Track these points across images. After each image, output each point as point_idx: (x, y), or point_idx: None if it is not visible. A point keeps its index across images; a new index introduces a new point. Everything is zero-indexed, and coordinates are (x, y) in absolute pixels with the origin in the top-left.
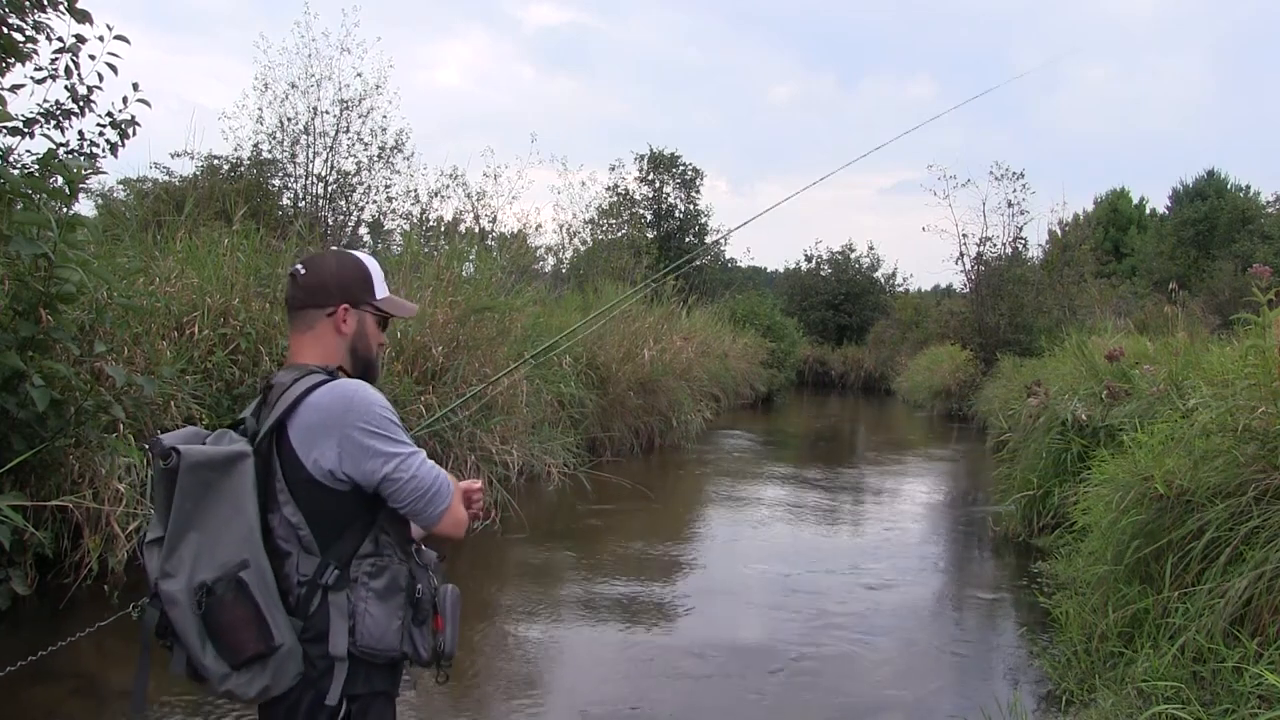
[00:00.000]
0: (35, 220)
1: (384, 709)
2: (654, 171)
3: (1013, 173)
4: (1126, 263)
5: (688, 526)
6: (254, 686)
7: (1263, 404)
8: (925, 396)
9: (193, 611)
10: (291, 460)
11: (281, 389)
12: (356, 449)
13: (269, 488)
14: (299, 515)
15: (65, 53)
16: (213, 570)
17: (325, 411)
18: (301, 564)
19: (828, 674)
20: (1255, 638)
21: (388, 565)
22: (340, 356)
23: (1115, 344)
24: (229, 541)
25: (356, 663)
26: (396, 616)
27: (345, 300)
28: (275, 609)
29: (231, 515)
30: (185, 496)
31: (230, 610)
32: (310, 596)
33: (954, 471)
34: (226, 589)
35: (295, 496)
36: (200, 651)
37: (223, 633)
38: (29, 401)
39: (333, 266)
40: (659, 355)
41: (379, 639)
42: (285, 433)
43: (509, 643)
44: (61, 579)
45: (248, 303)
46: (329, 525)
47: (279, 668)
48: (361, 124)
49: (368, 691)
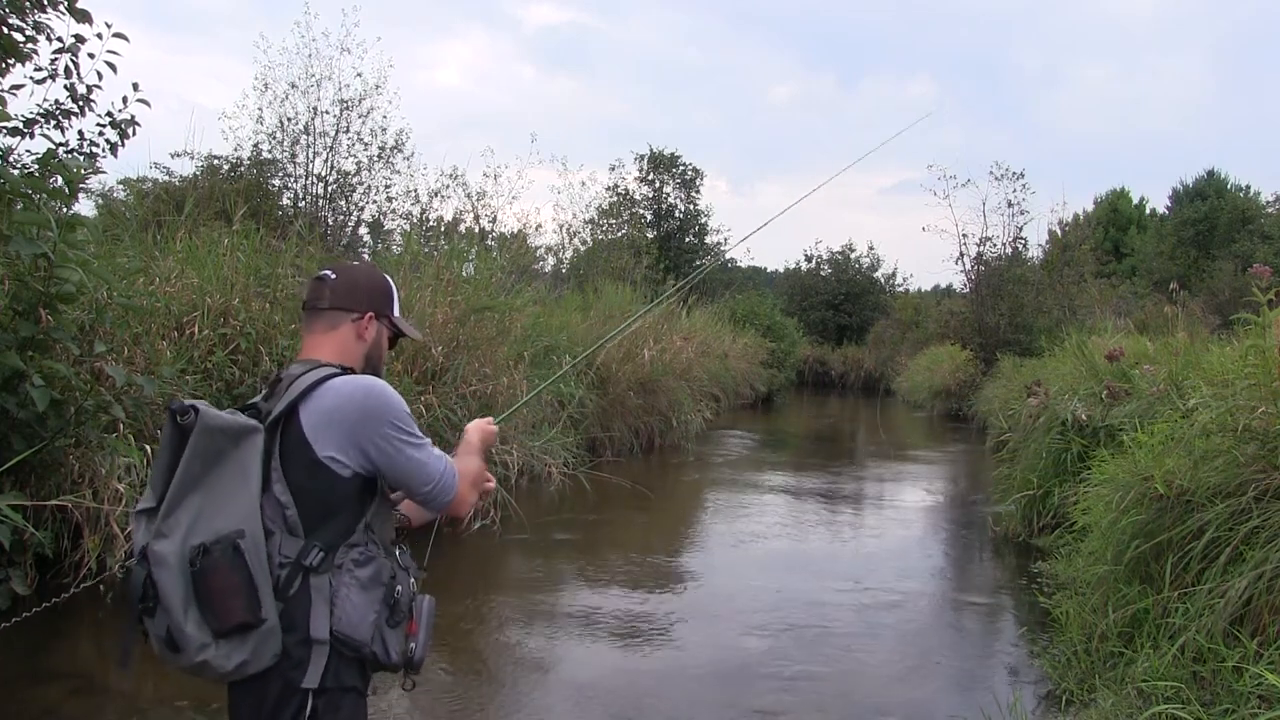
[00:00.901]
0: (35, 220)
1: (355, 706)
2: (654, 171)
3: (1012, 173)
4: (1126, 263)
5: (687, 527)
6: (232, 660)
7: (1263, 404)
8: (925, 396)
9: (182, 573)
10: (297, 441)
11: (292, 379)
12: (384, 436)
13: (265, 468)
14: (288, 495)
15: (65, 53)
16: (209, 535)
17: (345, 398)
18: (284, 545)
19: (828, 674)
20: (1255, 638)
21: (374, 556)
22: (355, 359)
23: (1115, 344)
24: (231, 510)
25: (335, 652)
26: (373, 610)
27: (371, 309)
28: (265, 584)
29: (238, 485)
30: (195, 457)
31: (224, 575)
32: (291, 578)
33: (954, 471)
34: (223, 553)
35: (288, 477)
36: (182, 617)
37: (212, 597)
38: (29, 401)
39: (364, 276)
40: (659, 355)
41: (354, 627)
42: (296, 416)
43: (507, 644)
44: (61, 579)
45: (248, 303)
46: (318, 508)
47: (260, 644)
48: (361, 124)
49: (336, 686)
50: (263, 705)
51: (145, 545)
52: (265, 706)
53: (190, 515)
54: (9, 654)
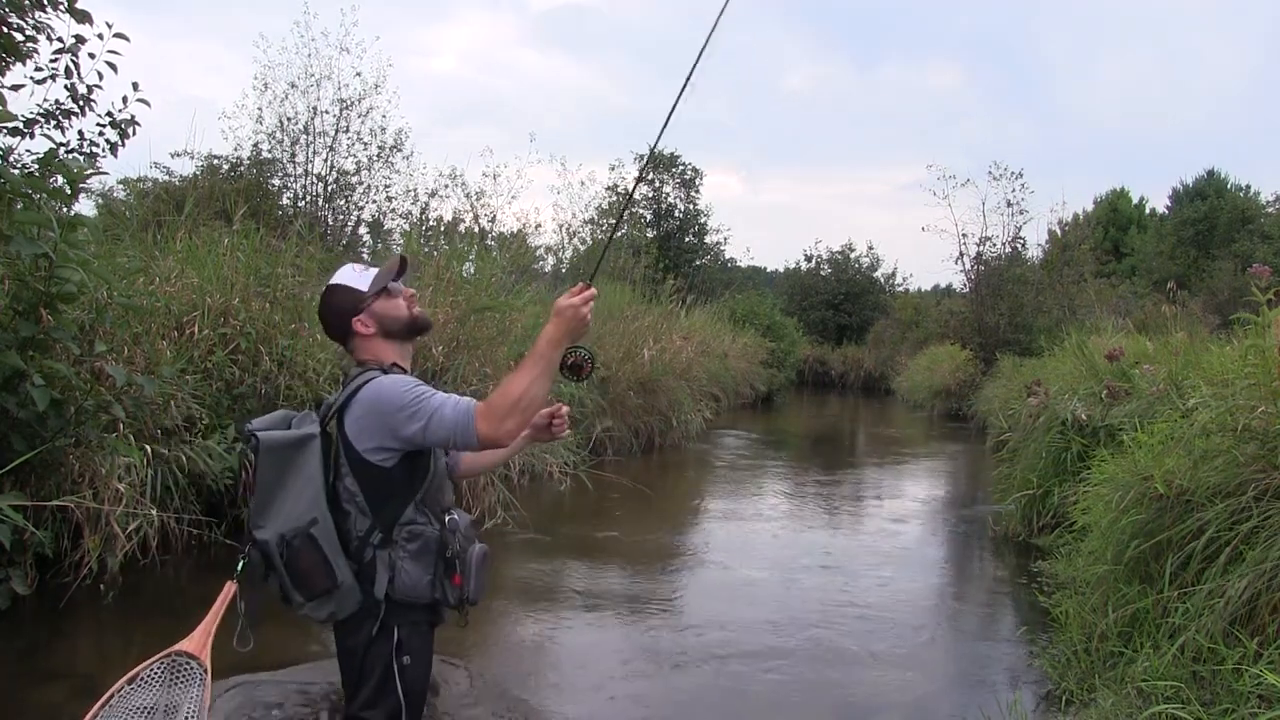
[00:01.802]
0: (36, 220)
1: (424, 637)
2: (654, 171)
3: (1012, 172)
4: (1126, 262)
5: (688, 526)
6: (323, 611)
7: (1262, 404)
8: (925, 396)
9: (278, 554)
10: (347, 442)
11: (348, 381)
12: (398, 420)
13: (336, 460)
14: (355, 485)
15: (65, 53)
16: (290, 524)
17: (365, 407)
18: (358, 523)
19: (828, 674)
20: (1255, 637)
21: (422, 532)
22: (383, 349)
23: (1115, 344)
24: (304, 503)
25: (395, 604)
26: (428, 572)
27: (351, 317)
28: (338, 555)
29: (304, 484)
30: (268, 468)
31: (306, 558)
32: (363, 549)
33: (954, 471)
34: (302, 542)
35: (353, 471)
36: (290, 586)
37: (299, 575)
38: (29, 401)
39: (327, 310)
40: (659, 355)
41: (411, 589)
42: (342, 421)
43: (511, 643)
44: (61, 579)
45: (248, 303)
46: (378, 494)
47: (341, 599)
48: (361, 124)
49: (409, 622)
50: (359, 637)
51: (252, 534)
52: (362, 638)
53: (275, 510)
54: (9, 654)
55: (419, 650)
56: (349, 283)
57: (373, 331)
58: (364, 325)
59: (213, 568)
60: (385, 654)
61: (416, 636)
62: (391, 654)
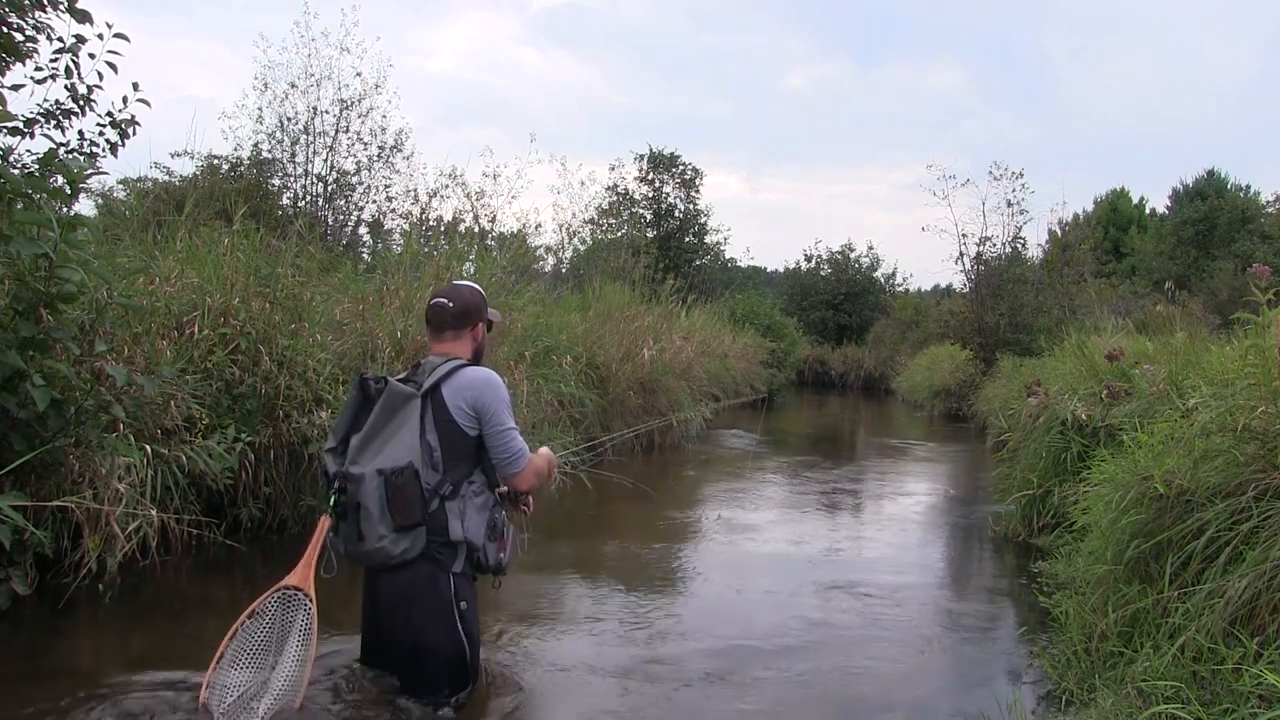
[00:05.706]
0: (36, 220)
1: (471, 587)
2: (654, 171)
3: (1012, 172)
4: (1126, 262)
5: (688, 526)
6: (399, 546)
7: (1263, 404)
8: (925, 396)
9: (375, 487)
10: (440, 407)
11: (432, 367)
12: (491, 411)
13: (422, 419)
14: (437, 441)
15: (65, 53)
16: (390, 462)
17: (474, 381)
18: (427, 476)
19: (827, 674)
20: (1255, 637)
21: (484, 491)
22: (470, 353)
23: (1115, 344)
24: (405, 447)
25: (456, 551)
26: (484, 527)
27: (480, 319)
28: (424, 499)
29: (406, 431)
30: (382, 411)
31: (409, 489)
32: (430, 499)
33: (954, 471)
34: (407, 475)
35: (438, 430)
36: (377, 518)
37: (399, 503)
38: (29, 401)
39: (470, 301)
40: (659, 355)
41: (473, 535)
42: (440, 390)
43: (508, 643)
44: (61, 579)
45: (248, 302)
46: (453, 454)
47: (415, 539)
48: (361, 124)
49: (463, 572)
50: (415, 581)
51: (342, 470)
52: (419, 582)
53: (376, 449)
54: (9, 654)
55: (471, 600)
56: (483, 295)
57: (479, 340)
58: (477, 333)
59: (213, 568)
60: (446, 598)
61: (466, 585)
62: (452, 599)
